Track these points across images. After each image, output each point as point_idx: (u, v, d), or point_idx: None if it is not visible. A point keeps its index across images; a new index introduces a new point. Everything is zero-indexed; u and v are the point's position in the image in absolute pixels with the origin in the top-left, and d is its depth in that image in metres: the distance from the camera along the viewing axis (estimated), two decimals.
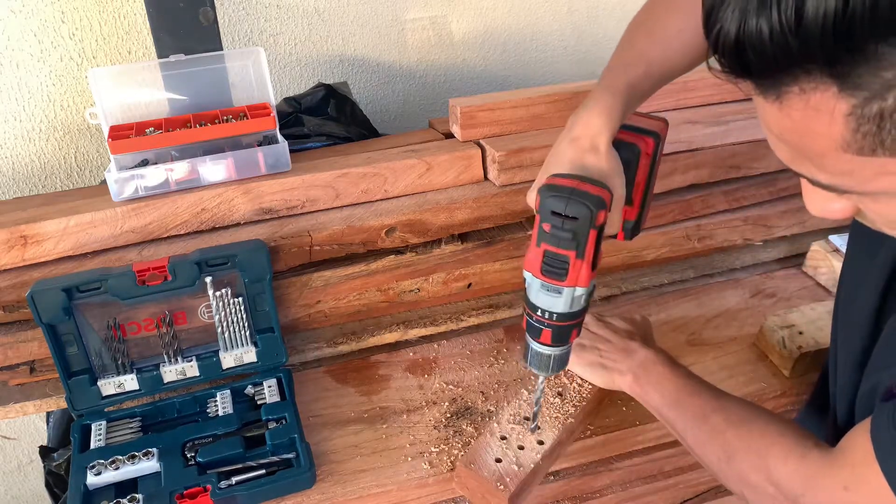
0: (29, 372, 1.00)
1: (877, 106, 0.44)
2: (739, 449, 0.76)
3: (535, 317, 0.75)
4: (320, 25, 1.33)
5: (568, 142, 0.76)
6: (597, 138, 0.74)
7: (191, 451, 0.90)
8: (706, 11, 0.47)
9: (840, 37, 0.42)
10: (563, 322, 0.75)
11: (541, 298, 0.74)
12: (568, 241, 0.69)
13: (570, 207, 0.68)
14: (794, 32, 0.42)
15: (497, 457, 0.85)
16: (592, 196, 0.69)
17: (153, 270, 0.92)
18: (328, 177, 1.07)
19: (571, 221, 0.69)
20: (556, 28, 1.51)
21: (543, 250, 0.71)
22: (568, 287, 0.72)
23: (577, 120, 0.76)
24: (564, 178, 0.72)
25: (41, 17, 1.14)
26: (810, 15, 0.41)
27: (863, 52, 0.42)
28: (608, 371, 0.91)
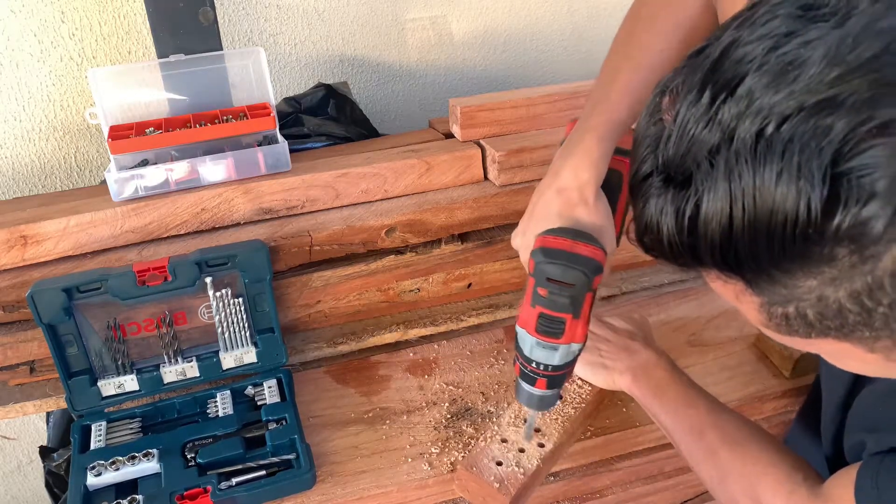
0: (29, 372, 1.00)
1: (780, 309, 0.44)
2: (732, 472, 0.77)
3: (530, 368, 0.75)
4: (320, 25, 1.33)
5: (555, 192, 0.73)
6: (585, 189, 0.71)
7: (191, 451, 0.90)
8: (629, 184, 0.48)
9: (728, 257, 0.42)
10: (558, 372, 0.75)
11: (536, 353, 0.73)
12: (565, 306, 0.69)
13: (567, 274, 0.67)
14: (689, 241, 0.44)
15: (498, 460, 0.85)
16: (588, 260, 0.68)
17: (153, 270, 0.92)
18: (328, 177, 1.06)
19: (568, 287, 0.68)
20: (556, 28, 1.51)
21: (539, 312, 0.70)
22: (564, 344, 0.72)
23: (563, 167, 0.73)
24: (557, 238, 0.69)
25: (41, 16, 1.13)
26: (701, 231, 0.42)
27: (754, 271, 0.43)
28: (608, 371, 0.90)
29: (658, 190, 0.45)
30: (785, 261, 0.41)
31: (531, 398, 0.79)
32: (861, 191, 0.37)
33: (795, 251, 0.40)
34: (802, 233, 0.39)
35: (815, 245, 0.39)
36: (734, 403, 0.99)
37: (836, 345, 0.46)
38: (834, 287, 0.41)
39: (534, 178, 1.13)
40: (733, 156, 0.40)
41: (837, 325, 0.43)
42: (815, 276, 0.41)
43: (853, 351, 0.46)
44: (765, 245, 0.40)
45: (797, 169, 0.38)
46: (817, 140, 0.38)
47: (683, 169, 0.43)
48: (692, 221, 0.42)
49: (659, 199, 0.44)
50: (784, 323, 0.45)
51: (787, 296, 0.43)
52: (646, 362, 0.89)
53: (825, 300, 0.42)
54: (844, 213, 0.38)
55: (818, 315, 0.43)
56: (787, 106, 0.38)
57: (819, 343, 0.46)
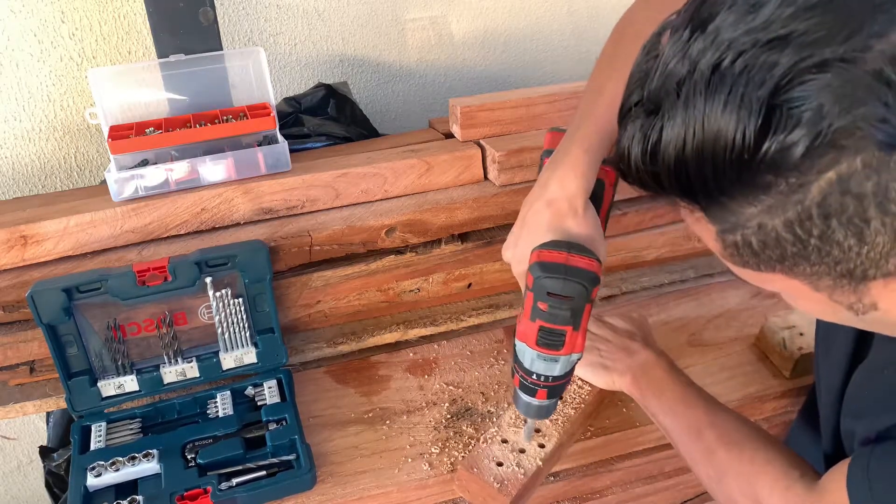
0: (29, 372, 1.00)
1: (730, 238, 0.48)
2: (729, 471, 0.77)
3: (530, 380, 0.75)
4: (320, 25, 1.32)
5: (544, 203, 0.74)
6: (574, 200, 0.72)
7: (191, 452, 0.90)
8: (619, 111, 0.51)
9: (682, 181, 0.45)
10: (558, 382, 0.76)
11: (536, 365, 0.74)
12: (565, 318, 0.70)
13: (567, 288, 0.68)
14: (651, 167, 0.46)
15: (498, 460, 0.85)
16: (586, 272, 0.69)
17: (153, 271, 0.92)
18: (328, 177, 1.06)
19: (568, 301, 0.69)
20: (556, 28, 1.51)
21: (539, 326, 0.71)
22: (565, 355, 0.72)
23: (552, 179, 0.74)
24: (553, 252, 0.70)
25: (41, 16, 1.13)
26: (660, 156, 0.46)
27: (706, 197, 0.46)
28: (608, 371, 0.90)
29: (635, 119, 0.48)
30: (728, 187, 0.44)
31: (530, 408, 0.80)
32: (790, 120, 0.40)
33: (735, 177, 0.43)
34: (738, 158, 0.42)
35: (750, 171, 0.42)
36: (734, 403, 0.99)
37: (785, 281, 0.49)
38: (770, 215, 0.44)
39: (534, 179, 1.12)
40: (692, 86, 0.43)
41: (779, 256, 0.46)
42: (754, 203, 0.44)
43: (802, 289, 0.49)
44: (710, 170, 0.44)
45: (740, 99, 0.41)
46: (762, 73, 0.41)
47: (657, 99, 0.46)
48: (654, 147, 0.46)
49: (633, 126, 0.48)
50: (735, 252, 0.49)
51: (734, 223, 0.46)
52: (645, 362, 0.89)
53: (764, 228, 0.45)
54: (772, 140, 0.41)
55: (760, 244, 0.46)
56: (743, 42, 0.42)
57: (771, 278, 0.49)
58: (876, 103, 0.39)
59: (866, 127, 0.39)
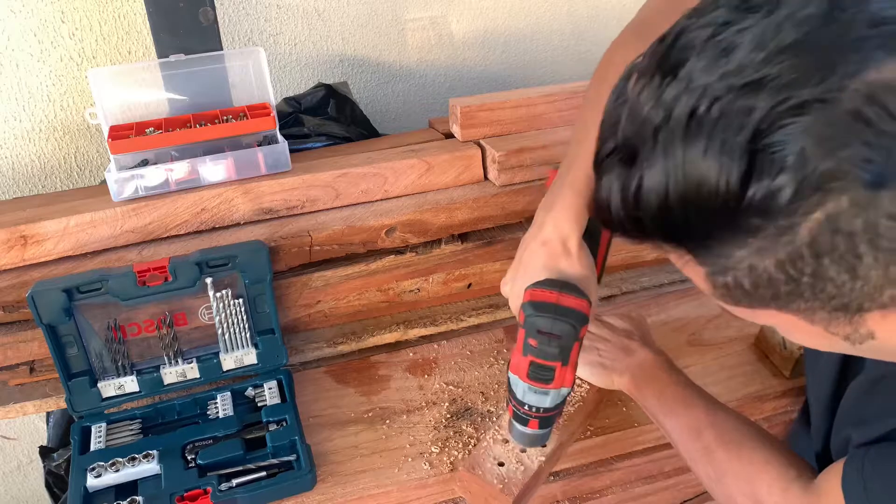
0: (29, 372, 1.00)
1: (721, 279, 0.47)
2: (728, 472, 0.78)
3: (523, 410, 0.77)
4: (320, 25, 1.32)
5: (539, 244, 0.75)
6: (567, 241, 0.74)
7: (191, 453, 0.90)
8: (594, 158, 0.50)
9: (668, 228, 0.45)
10: (549, 413, 0.77)
11: (528, 397, 0.76)
12: (554, 355, 0.72)
13: (556, 326, 0.71)
14: (633, 215, 0.46)
15: (500, 460, 0.85)
16: (574, 312, 0.71)
17: (153, 271, 0.92)
18: (328, 177, 1.06)
19: (557, 339, 0.71)
20: (556, 28, 1.51)
21: (529, 361, 0.73)
22: (555, 389, 0.75)
23: (546, 221, 0.75)
24: (544, 291, 0.72)
25: (41, 16, 1.13)
26: (643, 204, 0.45)
27: (692, 241, 0.46)
28: (607, 371, 0.91)
29: (612, 167, 0.47)
30: (715, 231, 0.44)
31: (524, 437, 0.82)
32: (773, 165, 0.40)
33: (722, 222, 0.43)
34: (724, 204, 0.42)
35: (737, 216, 0.42)
36: (734, 403, 0.99)
37: (780, 316, 0.48)
38: (761, 257, 0.44)
39: (534, 178, 1.13)
40: (670, 133, 0.43)
41: (772, 295, 0.46)
42: (743, 246, 0.44)
43: (797, 323, 0.48)
44: (695, 217, 0.44)
45: (720, 145, 0.41)
46: (740, 119, 0.41)
47: (633, 146, 0.46)
48: (636, 196, 0.45)
49: (611, 175, 0.47)
50: (727, 292, 0.48)
51: (724, 265, 0.46)
52: (643, 362, 0.89)
53: (755, 270, 0.45)
54: (757, 186, 0.41)
55: (753, 284, 0.46)
56: (718, 87, 0.42)
57: (764, 314, 0.49)
58: (858, 144, 0.39)
59: (851, 168, 0.39)
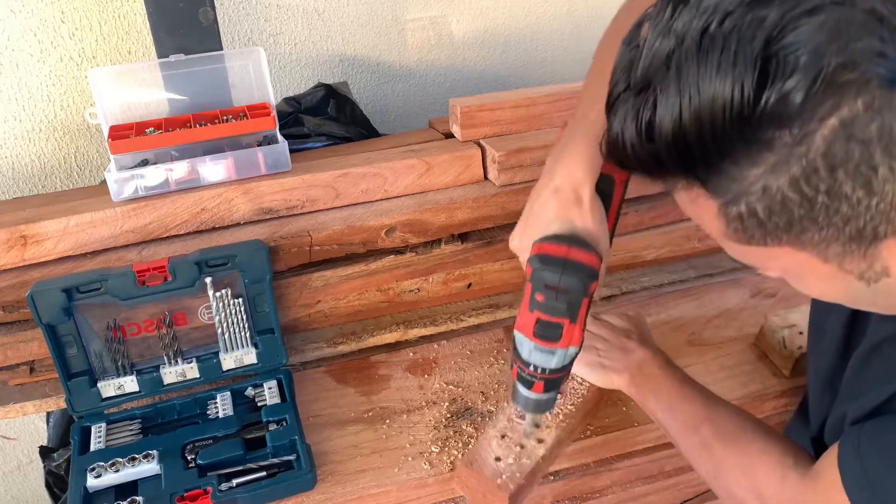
0: (29, 372, 1.00)
1: (735, 209, 0.47)
2: (726, 465, 0.77)
3: (528, 371, 0.75)
4: (320, 25, 1.33)
5: (551, 193, 0.73)
6: (580, 189, 0.72)
7: (191, 453, 0.90)
8: (606, 102, 0.50)
9: (682, 154, 0.45)
10: (555, 375, 0.75)
11: (534, 357, 0.74)
12: (562, 311, 0.70)
13: (564, 281, 0.68)
14: (647, 146, 0.46)
15: (497, 456, 0.85)
16: (584, 267, 0.69)
17: (153, 271, 0.92)
18: (328, 177, 1.06)
19: (565, 294, 0.69)
20: (556, 28, 1.51)
21: (536, 317, 0.71)
22: (562, 348, 0.72)
23: (557, 167, 0.73)
24: (553, 245, 0.70)
25: (41, 16, 1.13)
26: (657, 132, 0.45)
27: (707, 167, 0.45)
28: (606, 370, 0.91)
29: (624, 103, 0.48)
30: (729, 149, 0.44)
31: (528, 402, 0.79)
32: (786, 66, 0.40)
33: (737, 136, 0.43)
34: (738, 116, 0.42)
35: (751, 127, 0.42)
36: (734, 403, 0.99)
37: (793, 255, 0.48)
38: (775, 175, 0.43)
39: (534, 178, 1.12)
40: (683, 55, 0.43)
41: (786, 223, 0.45)
42: (757, 163, 0.44)
43: (810, 263, 0.48)
44: (710, 135, 0.43)
45: (733, 56, 0.41)
46: (752, 28, 0.41)
47: (645, 79, 0.46)
48: (649, 123, 0.45)
49: (624, 109, 0.47)
50: (740, 226, 0.48)
51: (737, 192, 0.46)
52: (642, 360, 0.89)
53: (769, 191, 0.44)
54: (770, 90, 0.41)
55: (766, 210, 0.45)
56: (729, 3, 0.42)
57: (778, 253, 0.48)
58: (872, 38, 0.39)
59: (864, 62, 0.39)
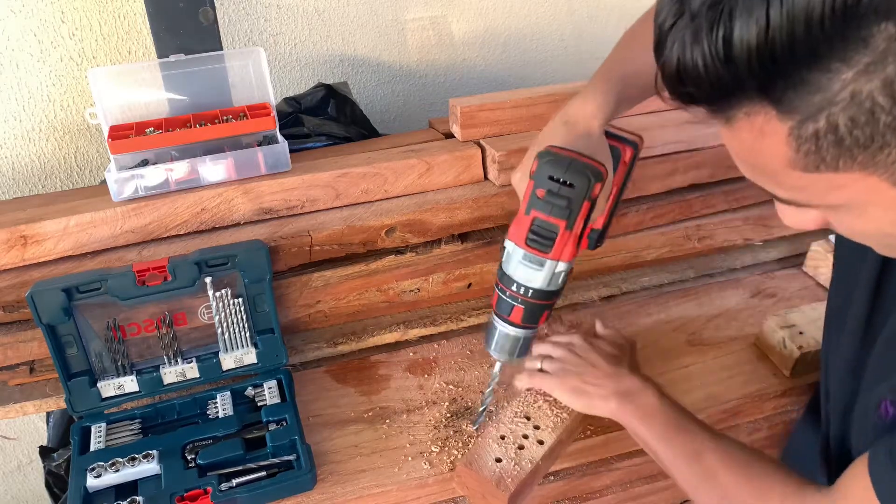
0: (29, 372, 1.00)
1: (812, 127, 0.45)
2: (735, 492, 0.75)
3: (510, 292, 0.73)
4: (320, 25, 1.33)
5: (561, 123, 0.74)
6: (590, 122, 0.73)
7: (191, 453, 0.90)
8: (655, 41, 0.49)
9: (765, 65, 0.43)
10: (537, 300, 0.72)
11: (520, 271, 0.71)
12: (561, 209, 0.68)
13: (570, 173, 0.67)
14: (725, 63, 0.44)
15: (497, 456, 0.85)
16: (592, 167, 0.68)
17: (153, 271, 0.92)
18: (328, 177, 1.06)
19: (568, 188, 0.67)
20: (556, 28, 1.51)
21: (533, 218, 0.69)
22: (551, 260, 0.70)
23: (573, 103, 0.75)
24: (562, 149, 0.70)
25: (41, 16, 1.13)
26: (736, 45, 0.43)
27: (790, 78, 0.44)
28: (590, 396, 0.88)
29: (684, 29, 0.45)
30: (823, 51, 0.41)
31: (502, 338, 0.76)
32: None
33: (834, 35, 0.41)
34: (841, 10, 0.40)
35: (853, 24, 0.40)
36: (734, 403, 0.99)
37: (862, 181, 0.47)
38: (868, 76, 0.42)
39: None
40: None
41: (867, 137, 0.44)
42: (850, 65, 0.42)
43: (879, 188, 0.47)
44: (803, 37, 0.41)
45: None
46: None
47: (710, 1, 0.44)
48: (726, 38, 0.43)
49: (687, 34, 0.45)
50: (814, 146, 0.46)
51: (819, 103, 0.44)
52: (630, 388, 0.87)
53: (858, 97, 0.42)
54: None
55: (850, 122, 0.43)
56: None
57: (844, 180, 0.47)
58: None
59: None
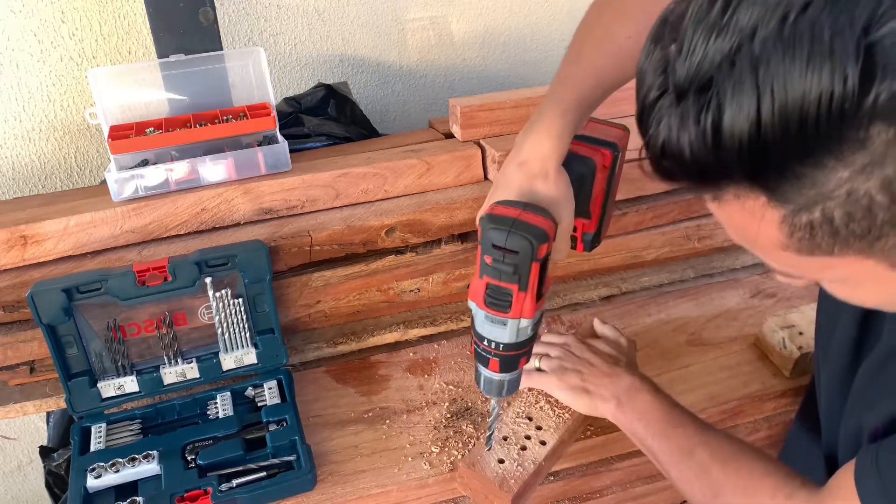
0: (29, 372, 1.00)
1: (806, 217, 0.43)
2: (726, 487, 0.75)
3: (482, 346, 0.73)
4: (320, 25, 1.32)
5: (516, 165, 0.72)
6: (546, 162, 0.71)
7: (191, 453, 0.90)
8: (638, 111, 0.47)
9: (756, 157, 0.41)
10: (509, 352, 0.73)
11: (486, 329, 0.72)
12: (509, 275, 0.67)
13: (511, 240, 0.66)
14: (713, 150, 0.42)
15: (499, 457, 0.85)
16: (534, 228, 0.66)
17: (153, 271, 0.91)
18: (328, 177, 1.06)
19: (512, 255, 0.66)
20: (556, 28, 1.51)
21: (486, 283, 0.69)
22: (512, 319, 0.70)
23: (526, 141, 0.72)
24: (508, 207, 0.69)
25: (41, 16, 1.13)
26: (726, 135, 0.41)
27: (782, 171, 0.41)
28: (591, 396, 0.88)
29: (671, 108, 0.43)
30: (817, 149, 0.39)
31: (487, 382, 0.77)
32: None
33: (830, 135, 0.38)
34: (839, 111, 0.37)
35: (850, 126, 0.38)
36: (734, 403, 0.99)
37: (857, 263, 0.44)
38: (865, 176, 0.39)
39: None
40: (757, 47, 0.39)
41: (864, 230, 0.42)
42: (846, 165, 0.39)
43: (875, 270, 0.45)
44: (797, 134, 0.39)
45: (829, 45, 0.37)
46: (846, 14, 0.37)
47: (699, 79, 0.41)
48: (715, 126, 0.41)
49: (673, 116, 0.43)
50: (807, 235, 0.44)
51: (813, 197, 0.41)
52: (629, 387, 0.87)
53: (854, 195, 0.40)
54: (882, 85, 0.36)
55: (845, 217, 0.41)
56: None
57: (839, 263, 0.45)
58: None
59: None
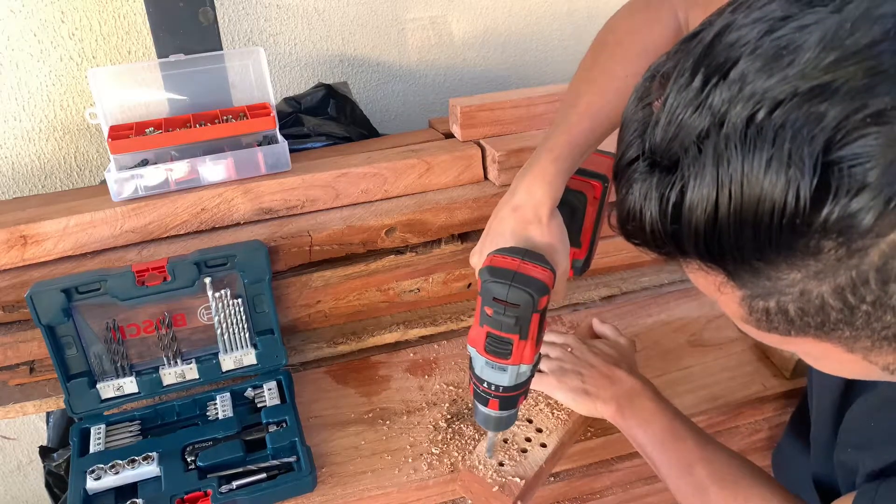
0: (29, 372, 1.00)
1: (762, 304, 0.43)
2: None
3: (482, 388, 0.74)
4: (320, 25, 1.32)
5: (510, 210, 0.73)
6: (539, 208, 0.71)
7: (191, 454, 0.89)
8: (615, 164, 0.47)
9: (712, 245, 0.41)
10: (509, 393, 0.74)
11: (486, 373, 0.73)
12: (511, 326, 0.68)
13: (512, 294, 0.67)
14: (671, 229, 0.42)
15: (500, 460, 0.85)
16: (534, 281, 0.67)
17: (152, 271, 0.91)
18: (328, 177, 1.06)
19: (513, 308, 0.67)
20: (556, 28, 1.51)
21: (487, 332, 0.70)
22: (513, 365, 0.71)
23: (520, 185, 0.73)
24: (505, 258, 0.69)
25: (41, 16, 1.13)
26: (685, 219, 0.41)
27: (738, 262, 0.41)
28: (591, 398, 0.88)
29: (643, 175, 0.43)
30: (770, 252, 0.39)
31: (487, 419, 0.78)
32: (852, 181, 0.36)
33: (781, 242, 0.39)
34: (790, 223, 0.38)
35: (802, 237, 0.38)
36: (734, 404, 0.99)
37: (815, 345, 0.45)
38: (817, 281, 0.40)
39: None
40: (722, 141, 0.39)
41: (818, 323, 0.42)
42: (799, 269, 0.40)
43: (832, 351, 0.45)
44: (750, 234, 0.39)
45: (787, 156, 0.37)
46: (809, 127, 0.36)
47: (670, 154, 0.41)
48: (676, 208, 0.41)
49: (643, 184, 0.43)
50: (764, 318, 0.44)
51: (769, 289, 0.42)
52: (630, 391, 0.86)
53: (807, 295, 0.41)
54: (833, 204, 0.36)
55: (799, 311, 0.42)
56: (780, 91, 0.37)
57: (798, 342, 0.45)
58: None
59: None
